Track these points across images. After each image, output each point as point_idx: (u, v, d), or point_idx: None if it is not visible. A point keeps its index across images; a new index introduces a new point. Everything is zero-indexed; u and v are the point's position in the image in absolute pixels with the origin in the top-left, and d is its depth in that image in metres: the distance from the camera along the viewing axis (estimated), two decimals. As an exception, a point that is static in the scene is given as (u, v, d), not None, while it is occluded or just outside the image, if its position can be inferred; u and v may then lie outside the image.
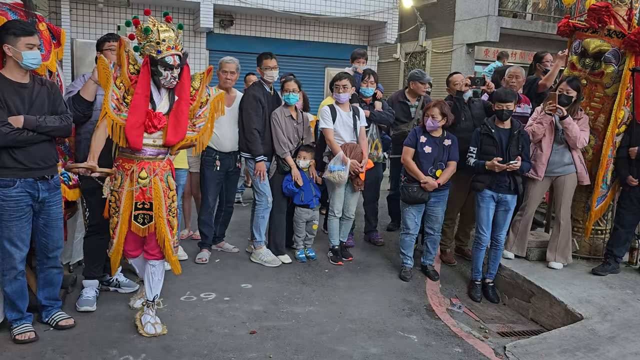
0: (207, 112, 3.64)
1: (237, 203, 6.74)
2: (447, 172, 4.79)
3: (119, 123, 3.29)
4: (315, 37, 12.50)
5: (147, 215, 3.42)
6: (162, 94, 3.43)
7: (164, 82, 3.35)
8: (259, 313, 4.03)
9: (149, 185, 3.38)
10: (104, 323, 3.69)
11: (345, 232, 5.35)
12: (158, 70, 3.29)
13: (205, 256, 5.06)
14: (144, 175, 3.37)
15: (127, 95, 3.33)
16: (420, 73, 5.92)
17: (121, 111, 3.30)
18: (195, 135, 3.60)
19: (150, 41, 3.25)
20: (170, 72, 3.31)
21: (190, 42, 11.46)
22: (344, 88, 4.96)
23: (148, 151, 3.39)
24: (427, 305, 4.45)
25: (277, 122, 4.88)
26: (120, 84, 3.33)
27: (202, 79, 3.60)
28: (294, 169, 4.94)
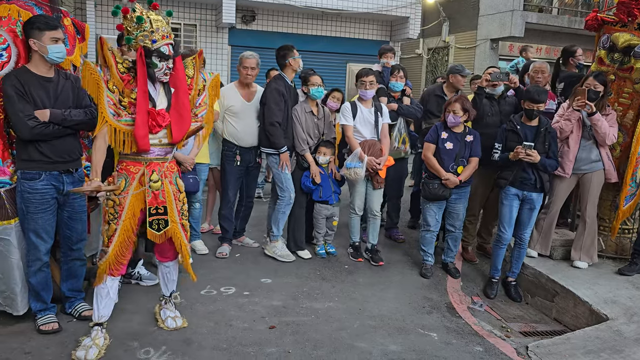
0: (206, 98, 3.43)
1: (258, 198, 6.77)
2: (468, 168, 4.73)
3: (122, 129, 3.07)
4: (337, 32, 12.47)
5: (162, 221, 3.24)
6: (157, 88, 3.19)
7: (159, 74, 3.10)
8: (278, 308, 4.03)
9: (161, 188, 3.20)
10: (125, 315, 3.72)
11: (375, 234, 5.14)
12: (153, 61, 3.05)
13: (225, 250, 5.09)
14: (156, 178, 3.18)
15: (123, 98, 3.08)
16: (460, 66, 5.84)
17: (120, 116, 3.07)
18: (199, 125, 3.40)
19: (143, 30, 3.00)
20: (166, 63, 3.09)
21: (212, 38, 11.54)
22: (370, 84, 4.88)
23: (156, 151, 3.20)
24: (447, 303, 4.40)
25: (297, 118, 4.87)
26: (114, 87, 3.07)
27: (195, 65, 3.37)
28: (312, 166, 4.92)
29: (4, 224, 3.31)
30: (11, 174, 3.33)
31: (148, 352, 3.29)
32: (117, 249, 3.16)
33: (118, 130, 3.06)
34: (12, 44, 3.27)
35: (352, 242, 5.22)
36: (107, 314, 3.28)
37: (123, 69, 3.08)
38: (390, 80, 5.36)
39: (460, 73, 5.73)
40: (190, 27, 11.50)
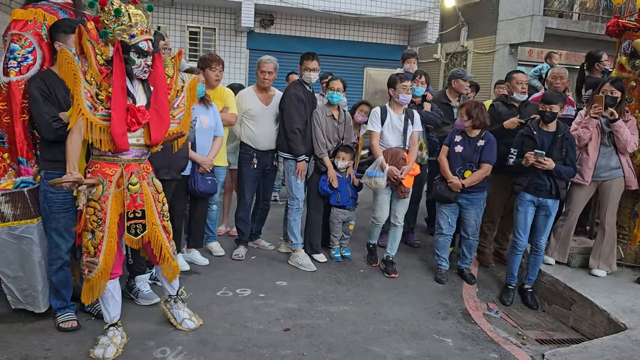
0: (184, 100, 3.28)
1: (274, 201, 6.80)
2: (476, 174, 4.66)
3: (97, 124, 2.91)
4: (355, 36, 12.50)
5: (139, 225, 3.12)
6: (135, 85, 3.06)
7: (137, 71, 2.97)
8: (293, 311, 4.05)
9: (139, 191, 3.07)
10: (142, 315, 3.77)
11: (394, 244, 5.01)
12: (131, 58, 2.92)
13: (241, 253, 5.13)
14: (135, 180, 3.05)
15: (100, 91, 2.92)
16: (461, 70, 5.84)
17: (97, 110, 2.91)
18: (177, 128, 3.24)
19: (121, 24, 2.87)
20: (144, 60, 2.95)
21: (231, 42, 11.64)
22: (410, 90, 4.79)
23: (134, 152, 3.06)
24: (463, 309, 4.38)
25: (317, 121, 4.89)
26: (91, 79, 2.91)
27: (175, 65, 3.24)
28: (330, 170, 4.93)
29: (27, 223, 3.39)
30: (35, 174, 3.41)
31: (164, 351, 3.33)
32: (107, 257, 3.04)
33: (94, 125, 2.90)
34: (38, 46, 3.35)
35: (368, 242, 5.19)
36: (117, 314, 3.30)
37: (102, 61, 2.95)
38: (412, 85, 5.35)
39: (461, 77, 5.74)
40: (209, 31, 11.62)
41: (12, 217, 3.39)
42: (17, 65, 3.31)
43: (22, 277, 3.48)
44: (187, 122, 3.32)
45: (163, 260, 3.30)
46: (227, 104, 4.90)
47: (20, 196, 3.41)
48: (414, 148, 4.91)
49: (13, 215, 3.39)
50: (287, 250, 5.27)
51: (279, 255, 5.29)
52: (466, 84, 5.78)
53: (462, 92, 5.79)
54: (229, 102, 4.92)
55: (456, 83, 5.77)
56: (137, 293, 3.98)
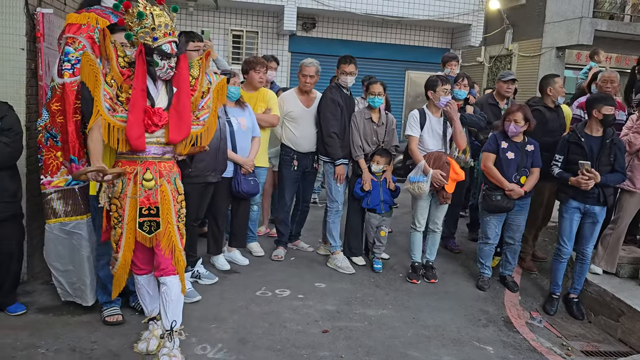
0: (210, 102, 3.20)
1: (313, 203, 6.83)
2: (531, 179, 4.60)
3: (116, 125, 2.92)
4: (397, 39, 12.43)
5: (153, 223, 2.99)
6: (158, 87, 3.03)
7: (161, 73, 2.95)
8: (331, 313, 4.06)
9: (155, 188, 2.98)
10: (184, 311, 3.81)
11: (433, 249, 4.92)
12: (154, 60, 2.90)
13: (281, 254, 5.17)
14: (149, 176, 2.97)
15: (121, 93, 2.94)
16: (504, 72, 5.75)
17: (116, 111, 2.93)
18: (201, 129, 3.15)
19: (144, 27, 2.85)
20: (168, 62, 2.91)
21: (273, 45, 11.76)
22: (446, 92, 4.67)
23: (152, 150, 3.02)
24: (504, 317, 4.29)
25: (355, 124, 4.88)
26: (112, 81, 2.94)
27: (201, 66, 3.17)
28: (364, 173, 4.88)
29: (77, 219, 3.54)
30: (85, 172, 3.53)
31: (205, 348, 3.39)
32: (126, 252, 3.04)
33: (112, 126, 2.91)
34: (90, 49, 3.47)
35: (412, 261, 4.95)
36: (156, 308, 3.29)
37: (124, 63, 2.97)
38: (454, 88, 5.28)
39: (501, 79, 5.64)
40: (252, 34, 11.78)
41: (64, 213, 3.53)
42: (70, 67, 3.43)
43: (71, 270, 3.62)
44: (213, 124, 3.23)
45: (176, 265, 3.07)
46: (270, 106, 4.95)
47: (72, 193, 3.55)
48: None
49: (64, 212, 3.53)
50: (326, 252, 5.28)
51: (318, 257, 5.31)
52: (506, 85, 5.65)
53: (503, 93, 5.68)
54: (271, 104, 4.97)
55: (498, 85, 5.70)
56: (199, 275, 4.19)
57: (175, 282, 3.07)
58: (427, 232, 4.94)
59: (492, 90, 5.98)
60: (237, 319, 3.81)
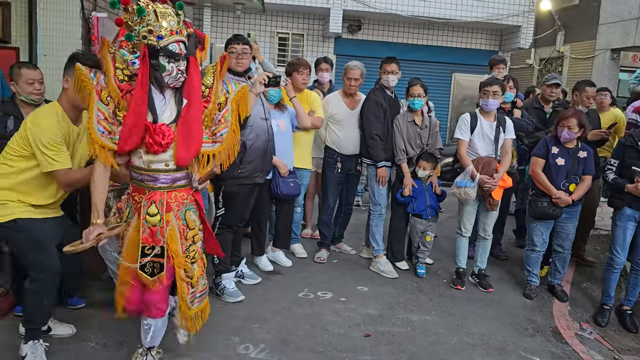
0: (228, 114, 2.78)
1: (357, 206, 6.81)
2: (581, 187, 4.44)
3: (111, 149, 2.56)
4: (443, 41, 12.28)
5: (157, 264, 2.65)
6: (166, 97, 2.64)
7: (170, 79, 2.56)
8: (374, 317, 4.03)
9: (159, 225, 2.63)
10: (227, 310, 3.91)
11: (484, 257, 4.80)
12: (160, 64, 2.52)
13: (323, 256, 5.18)
14: (153, 211, 2.62)
15: (119, 112, 2.55)
16: (549, 76, 5.59)
17: (113, 134, 2.55)
18: (218, 148, 2.76)
19: (147, 25, 2.49)
20: (176, 65, 2.54)
21: (318, 47, 11.82)
22: (493, 94, 4.54)
23: (161, 178, 2.65)
24: (553, 327, 4.16)
25: (397, 128, 4.83)
26: (108, 98, 2.54)
27: (215, 72, 2.76)
28: (406, 177, 4.81)
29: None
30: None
31: (247, 347, 3.42)
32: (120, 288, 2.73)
33: (107, 150, 2.56)
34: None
35: (457, 267, 4.87)
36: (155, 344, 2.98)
37: (123, 76, 2.56)
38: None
39: (545, 82, 5.49)
40: (297, 36, 11.87)
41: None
42: (124, 69, 3.52)
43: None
44: (234, 142, 2.81)
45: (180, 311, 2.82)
46: (314, 108, 4.97)
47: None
48: (507, 157, 4.65)
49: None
50: (369, 255, 5.26)
51: (361, 260, 5.28)
52: (550, 89, 5.48)
53: (546, 97, 5.53)
54: (315, 106, 4.99)
55: (542, 89, 5.55)
56: (223, 290, 4.11)
57: (160, 324, 2.85)
58: (477, 240, 4.84)
59: (538, 94, 5.82)
60: (279, 320, 3.84)
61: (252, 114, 3.89)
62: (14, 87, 3.46)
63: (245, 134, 3.91)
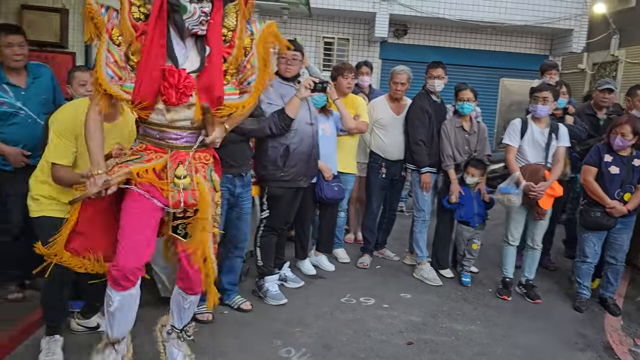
0: (254, 59, 2.41)
1: (400, 212, 6.75)
2: (637, 196, 4.25)
3: (123, 98, 2.25)
4: (491, 46, 12.06)
5: (183, 227, 2.49)
6: (187, 45, 2.29)
7: (191, 22, 2.19)
8: (417, 324, 3.98)
9: (190, 186, 2.37)
10: (270, 313, 3.94)
11: (532, 267, 4.66)
12: (181, 4, 2.16)
13: (366, 261, 5.15)
14: (181, 172, 2.33)
15: (132, 55, 2.20)
16: (601, 81, 5.42)
17: (123, 80, 2.23)
18: (248, 99, 2.44)
19: None
20: (200, 6, 2.18)
21: (363, 52, 11.81)
22: (543, 100, 4.40)
23: (184, 136, 2.36)
24: (604, 342, 4.00)
25: (445, 133, 4.76)
26: (119, 38, 2.19)
27: (239, 12, 2.37)
28: (453, 184, 4.73)
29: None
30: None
31: (289, 351, 3.43)
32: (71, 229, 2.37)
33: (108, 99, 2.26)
34: None
35: (503, 277, 4.73)
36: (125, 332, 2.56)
37: (139, 14, 2.20)
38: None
39: (598, 87, 5.29)
40: (343, 41, 11.89)
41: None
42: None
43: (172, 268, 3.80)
44: (260, 87, 2.46)
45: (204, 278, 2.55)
46: (359, 112, 4.96)
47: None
48: (558, 165, 4.49)
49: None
50: (412, 262, 5.20)
51: (404, 266, 5.23)
52: (602, 94, 5.28)
53: (599, 103, 5.34)
54: (361, 110, 4.98)
55: (595, 94, 5.37)
56: (266, 293, 4.14)
57: (196, 300, 2.70)
58: (525, 249, 4.71)
59: (591, 100, 5.64)
60: (321, 325, 3.84)
61: (297, 117, 3.93)
62: (70, 90, 3.59)
63: (289, 137, 3.94)
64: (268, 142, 3.94)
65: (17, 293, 3.73)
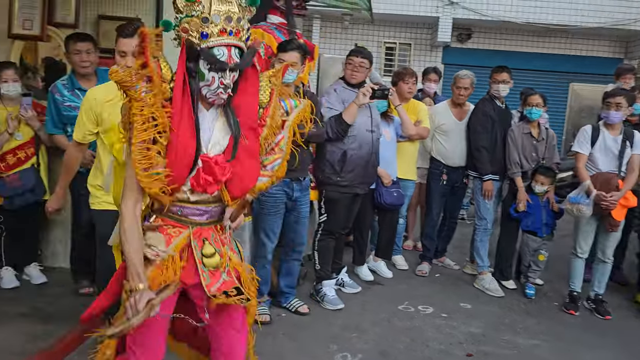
0: (283, 143, 2.08)
1: (461, 220, 6.61)
2: None
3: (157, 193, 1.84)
4: (560, 49, 11.61)
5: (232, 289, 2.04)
6: (211, 115, 1.93)
7: (208, 92, 1.85)
8: (477, 336, 3.87)
9: (220, 262, 1.99)
10: (326, 318, 3.95)
11: (602, 281, 4.38)
12: (199, 69, 1.83)
13: (425, 269, 5.08)
14: (210, 250, 1.97)
15: (161, 136, 1.82)
16: None
17: (154, 166, 1.82)
18: (267, 182, 2.07)
19: (193, 15, 1.78)
20: (219, 76, 1.82)
21: (426, 57, 11.69)
22: (617, 106, 4.19)
23: (208, 211, 2.00)
24: (681, 363, 3.75)
25: (512, 139, 4.63)
26: (151, 118, 1.80)
27: (274, 88, 2.05)
28: (520, 192, 4.57)
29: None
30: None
31: (345, 357, 3.42)
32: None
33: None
34: (257, 62, 3.73)
35: (570, 290, 4.51)
36: None
37: (170, 93, 1.86)
38: None
39: None
40: (405, 46, 11.80)
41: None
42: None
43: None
44: (280, 174, 2.11)
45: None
46: (420, 118, 4.90)
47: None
48: (632, 175, 4.26)
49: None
50: (473, 271, 5.07)
51: (464, 275, 5.12)
52: None
53: None
54: (422, 116, 4.92)
55: None
56: (323, 297, 4.16)
57: None
58: (595, 262, 4.49)
59: None
60: (378, 331, 3.81)
61: (357, 124, 3.95)
62: None
63: (348, 142, 3.96)
64: (327, 147, 3.97)
65: (87, 288, 3.93)
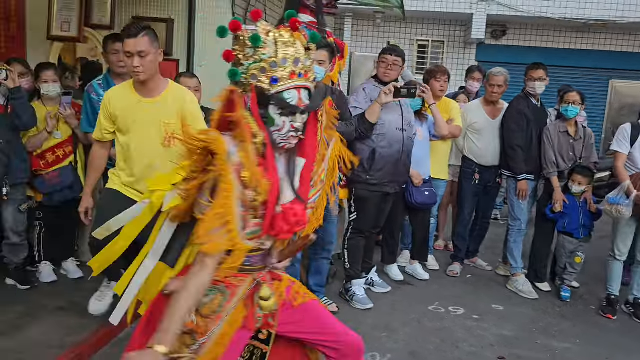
0: (324, 175, 2.05)
1: (494, 220, 6.50)
2: None
3: (245, 249, 1.79)
4: (599, 45, 11.29)
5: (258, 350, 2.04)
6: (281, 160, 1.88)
7: (278, 137, 1.79)
8: (509, 339, 3.80)
9: (274, 308, 1.97)
10: (356, 317, 3.92)
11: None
12: (269, 115, 1.76)
13: (456, 269, 5.00)
14: (267, 293, 1.95)
15: (257, 195, 1.76)
16: None
17: (247, 226, 1.78)
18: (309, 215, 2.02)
19: (260, 60, 1.74)
20: (290, 119, 1.78)
21: (459, 54, 11.54)
22: None
23: (261, 256, 1.96)
24: None
25: (548, 138, 4.51)
26: (244, 177, 1.73)
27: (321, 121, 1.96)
28: (556, 192, 4.45)
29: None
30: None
31: (374, 356, 3.40)
32: None
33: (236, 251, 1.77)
34: None
35: (608, 294, 4.38)
36: None
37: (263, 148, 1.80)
38: None
39: None
40: (438, 43, 11.66)
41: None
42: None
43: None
44: (321, 209, 2.10)
45: None
46: (452, 116, 4.83)
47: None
48: None
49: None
50: (506, 273, 4.97)
51: (497, 277, 5.02)
52: None
53: None
54: (454, 114, 4.85)
55: None
56: (353, 296, 4.14)
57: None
58: (634, 264, 4.34)
59: None
60: (408, 332, 3.77)
61: (386, 122, 3.93)
62: None
63: (377, 141, 3.95)
64: (356, 144, 3.95)
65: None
